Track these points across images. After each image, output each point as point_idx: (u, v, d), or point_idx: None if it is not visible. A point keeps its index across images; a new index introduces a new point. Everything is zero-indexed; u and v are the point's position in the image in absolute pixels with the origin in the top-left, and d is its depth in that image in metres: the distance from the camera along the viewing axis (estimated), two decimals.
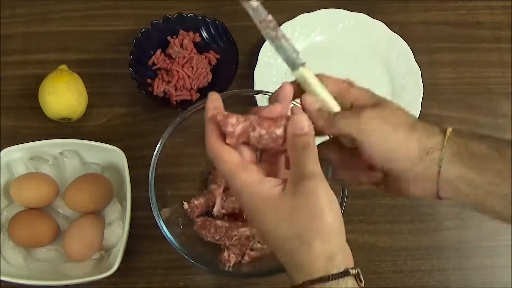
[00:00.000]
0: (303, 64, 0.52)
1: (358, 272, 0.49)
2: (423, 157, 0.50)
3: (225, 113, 0.49)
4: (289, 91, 0.52)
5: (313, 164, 0.49)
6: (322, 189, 0.48)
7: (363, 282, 0.49)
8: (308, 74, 0.52)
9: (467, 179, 0.50)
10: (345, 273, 0.48)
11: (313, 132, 0.50)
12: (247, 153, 0.51)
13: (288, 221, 0.48)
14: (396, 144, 0.50)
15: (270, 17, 0.50)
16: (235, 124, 0.49)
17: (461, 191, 0.51)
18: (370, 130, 0.50)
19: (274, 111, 0.51)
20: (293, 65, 0.52)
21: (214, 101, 0.51)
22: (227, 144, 0.49)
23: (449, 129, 0.51)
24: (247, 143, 0.50)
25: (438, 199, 0.52)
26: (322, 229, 0.48)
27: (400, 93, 0.87)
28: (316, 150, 0.49)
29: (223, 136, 0.49)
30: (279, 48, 0.52)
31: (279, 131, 0.50)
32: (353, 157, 0.54)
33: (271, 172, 0.51)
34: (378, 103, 0.52)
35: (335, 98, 0.53)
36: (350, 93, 0.53)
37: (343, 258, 0.49)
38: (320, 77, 0.53)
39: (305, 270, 0.48)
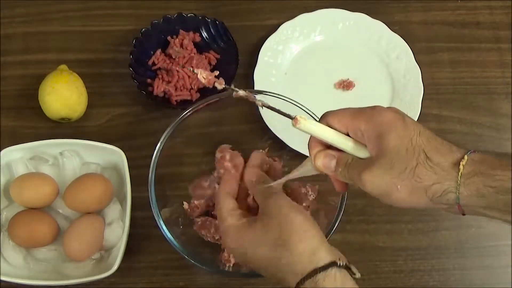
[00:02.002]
0: (294, 118, 0.52)
1: (346, 264, 0.51)
2: (436, 200, 0.49)
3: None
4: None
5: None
6: (283, 199, 0.56)
7: (358, 274, 0.52)
8: (306, 127, 0.52)
9: (492, 208, 0.47)
10: (331, 264, 0.50)
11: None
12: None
13: (263, 238, 0.54)
14: (401, 199, 0.50)
15: (253, 95, 0.54)
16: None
17: (488, 214, 0.48)
18: (373, 190, 0.51)
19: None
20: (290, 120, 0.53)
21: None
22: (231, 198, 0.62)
23: (462, 163, 0.47)
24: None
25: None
26: (295, 230, 0.52)
27: (400, 93, 0.87)
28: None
29: (231, 191, 0.65)
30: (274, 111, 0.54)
31: None
32: None
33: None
34: (379, 152, 0.50)
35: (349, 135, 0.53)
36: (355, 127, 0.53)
37: (327, 253, 0.51)
38: (325, 118, 0.53)
39: (293, 271, 0.51)
